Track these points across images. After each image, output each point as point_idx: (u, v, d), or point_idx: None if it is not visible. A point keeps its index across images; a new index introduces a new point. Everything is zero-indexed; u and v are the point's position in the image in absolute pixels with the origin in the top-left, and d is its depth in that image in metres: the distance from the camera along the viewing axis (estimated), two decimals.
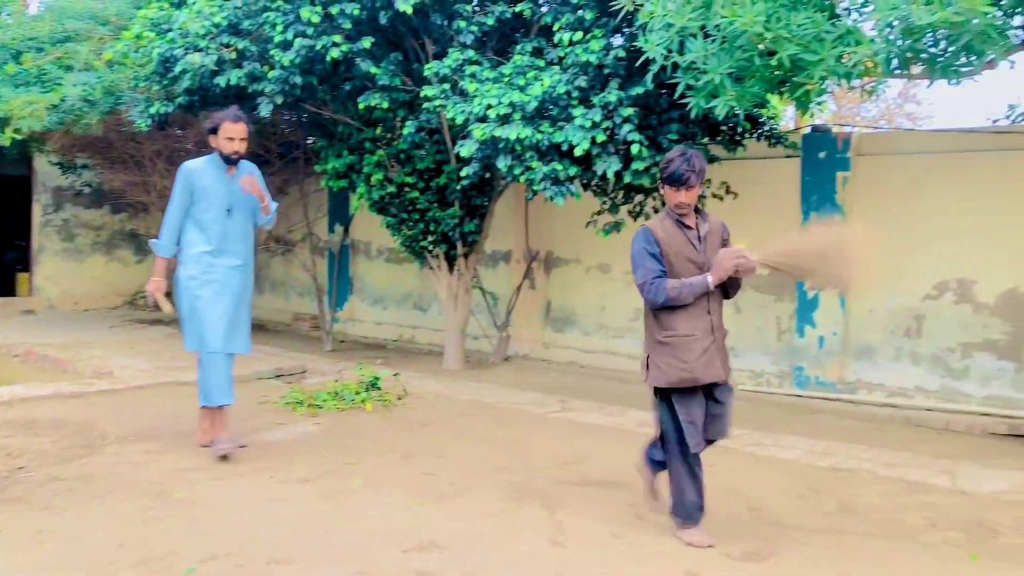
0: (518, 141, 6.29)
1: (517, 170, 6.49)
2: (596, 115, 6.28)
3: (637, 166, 6.48)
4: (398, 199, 8.64)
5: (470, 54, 6.88)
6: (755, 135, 7.74)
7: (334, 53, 6.93)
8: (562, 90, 6.29)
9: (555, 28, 6.59)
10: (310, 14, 6.81)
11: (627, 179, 6.65)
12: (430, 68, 6.92)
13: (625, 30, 6.64)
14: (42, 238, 13.04)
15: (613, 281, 9.32)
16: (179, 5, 7.98)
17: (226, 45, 7.36)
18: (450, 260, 8.91)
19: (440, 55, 7.33)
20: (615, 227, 7.40)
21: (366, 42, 7.03)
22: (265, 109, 7.42)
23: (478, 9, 7.21)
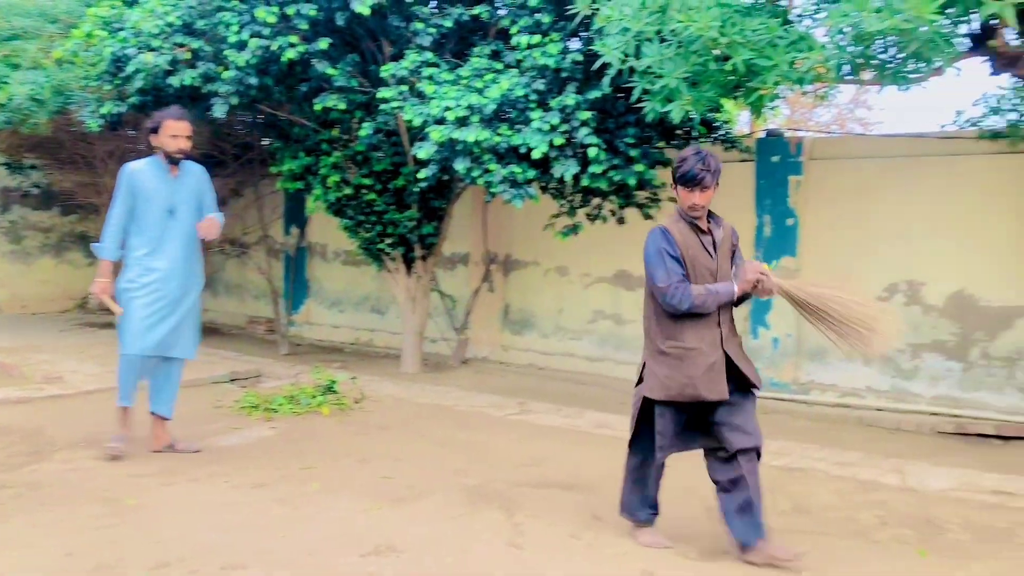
0: (476, 143, 6.29)
1: (475, 172, 6.49)
2: (554, 118, 6.30)
3: (594, 169, 6.51)
4: (355, 201, 8.59)
5: (428, 56, 6.87)
6: (710, 139, 7.83)
7: (290, 54, 6.86)
8: (520, 93, 6.31)
9: (512, 31, 6.60)
10: (266, 14, 6.74)
11: (585, 182, 6.68)
12: (387, 70, 6.89)
13: (582, 34, 6.68)
14: None
15: (571, 283, 9.36)
16: (131, 4, 7.84)
17: (180, 45, 7.25)
18: (408, 262, 8.88)
19: (397, 57, 7.30)
20: (573, 230, 7.43)
21: (323, 43, 6.98)
22: (220, 110, 7.33)
23: (436, 11, 7.20)
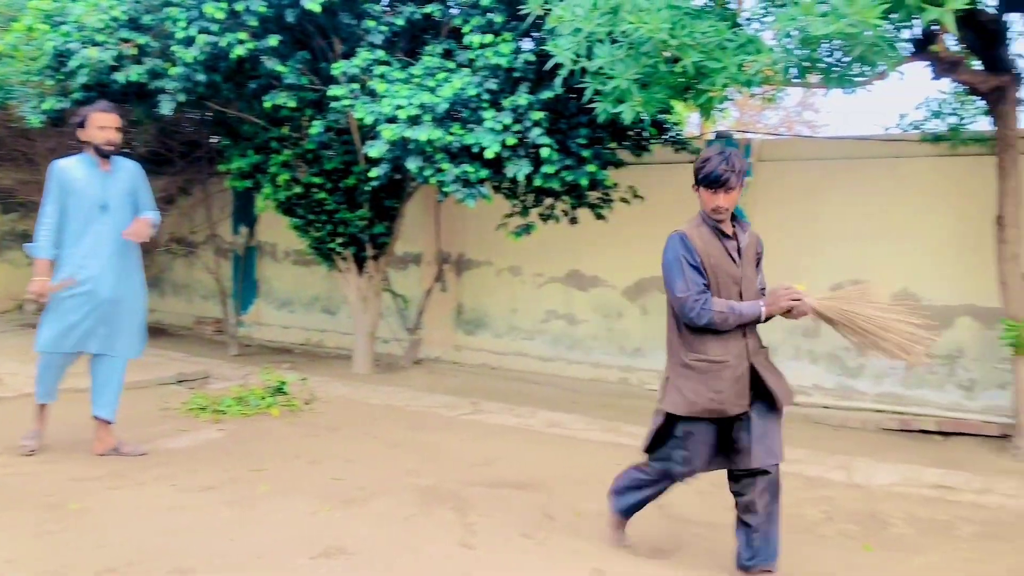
0: (428, 142, 6.27)
1: (427, 172, 6.47)
2: (506, 118, 6.31)
3: (547, 169, 6.53)
4: (305, 200, 8.50)
5: (379, 54, 6.83)
6: (661, 140, 7.91)
7: (239, 51, 6.77)
8: (472, 92, 6.30)
9: (465, 30, 6.59)
10: (214, 10, 6.63)
11: (537, 182, 6.70)
12: (338, 67, 6.83)
13: (534, 34, 6.70)
14: None
15: (524, 283, 9.38)
16: None
17: (125, 40, 7.10)
18: (359, 262, 8.81)
19: (349, 55, 7.24)
20: (526, 230, 7.45)
21: (272, 40, 6.89)
22: (167, 107, 7.20)
23: (387, 9, 7.16)
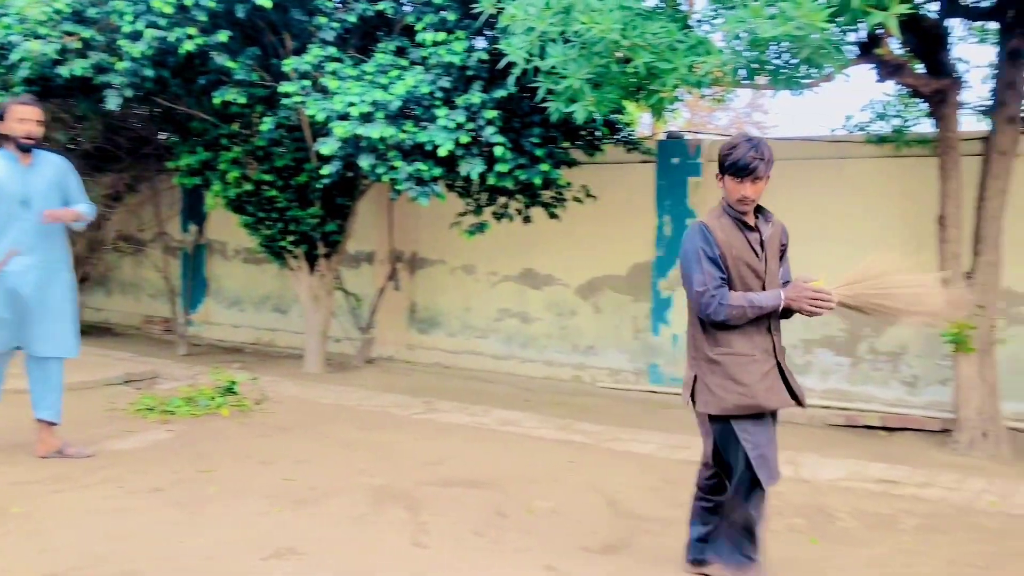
0: (381, 140, 6.24)
1: (380, 169, 6.44)
2: (460, 116, 6.30)
3: (500, 168, 6.55)
4: (256, 198, 8.40)
5: (331, 51, 6.77)
6: (613, 140, 7.97)
7: (188, 46, 6.66)
8: (425, 90, 6.29)
9: (418, 28, 6.57)
10: (162, 4, 6.51)
11: (491, 181, 6.71)
12: (289, 64, 6.76)
13: (487, 33, 6.71)
14: None
15: (478, 282, 9.38)
16: None
17: (69, 33, 6.95)
18: (311, 261, 8.74)
19: (300, 51, 7.17)
20: (479, 228, 7.45)
21: (222, 35, 6.80)
22: (113, 102, 7.06)
23: (340, 6, 7.10)
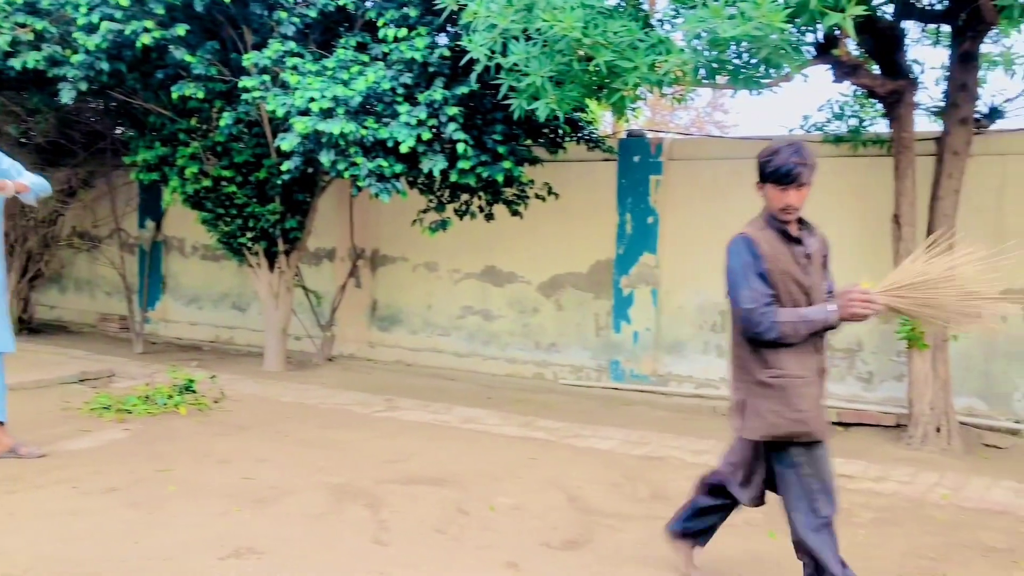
0: (342, 136, 6.20)
1: (341, 165, 6.40)
2: (421, 113, 6.28)
3: (463, 165, 6.54)
4: (214, 194, 8.30)
5: (291, 46, 6.71)
6: (575, 138, 8.00)
7: (145, 39, 6.56)
8: (387, 86, 6.26)
9: (379, 24, 6.54)
10: None
11: (453, 178, 6.70)
12: (249, 58, 6.69)
13: (450, 29, 6.70)
14: None
15: (440, 279, 9.36)
16: None
17: (22, 25, 6.82)
18: (270, 257, 8.65)
19: (260, 46, 7.09)
20: (441, 225, 7.44)
21: (180, 29, 6.70)
22: (67, 95, 6.93)
23: (300, 0, 7.04)
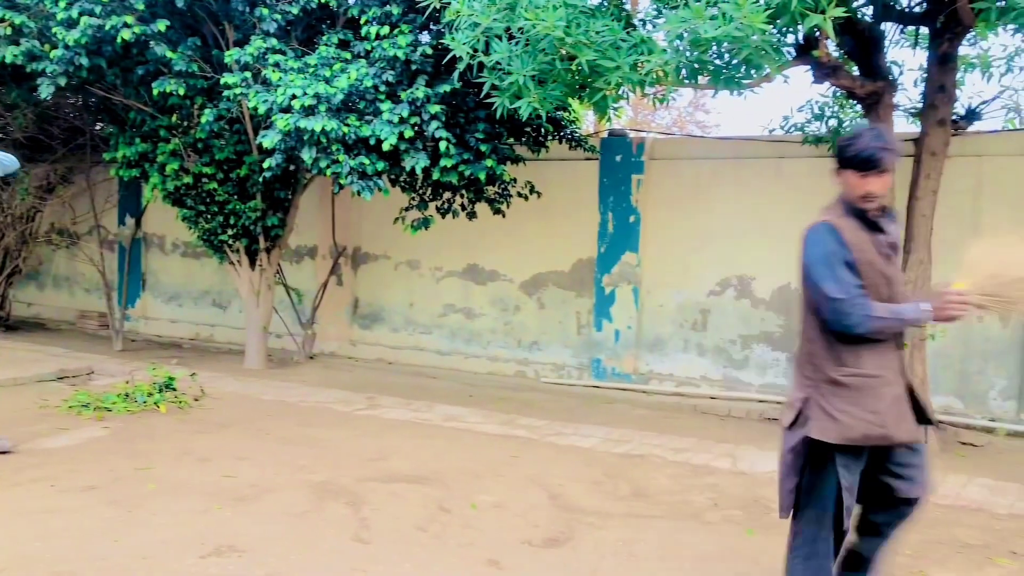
0: (324, 133, 6.18)
1: (323, 163, 6.38)
2: (404, 110, 6.28)
3: (445, 163, 6.54)
4: (195, 190, 8.25)
5: (273, 43, 6.69)
6: (557, 137, 8.01)
7: (125, 35, 6.51)
8: (369, 84, 6.25)
9: (362, 21, 6.53)
10: None
11: (435, 176, 6.70)
12: (231, 55, 6.66)
13: (432, 27, 6.69)
14: None
15: (422, 277, 9.36)
16: None
17: (0, 19, 6.75)
18: (251, 255, 8.62)
19: (242, 42, 7.07)
20: (423, 223, 7.43)
21: (161, 25, 6.66)
22: (46, 90, 6.87)
23: None
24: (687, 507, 4.65)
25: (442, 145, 6.40)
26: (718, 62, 5.21)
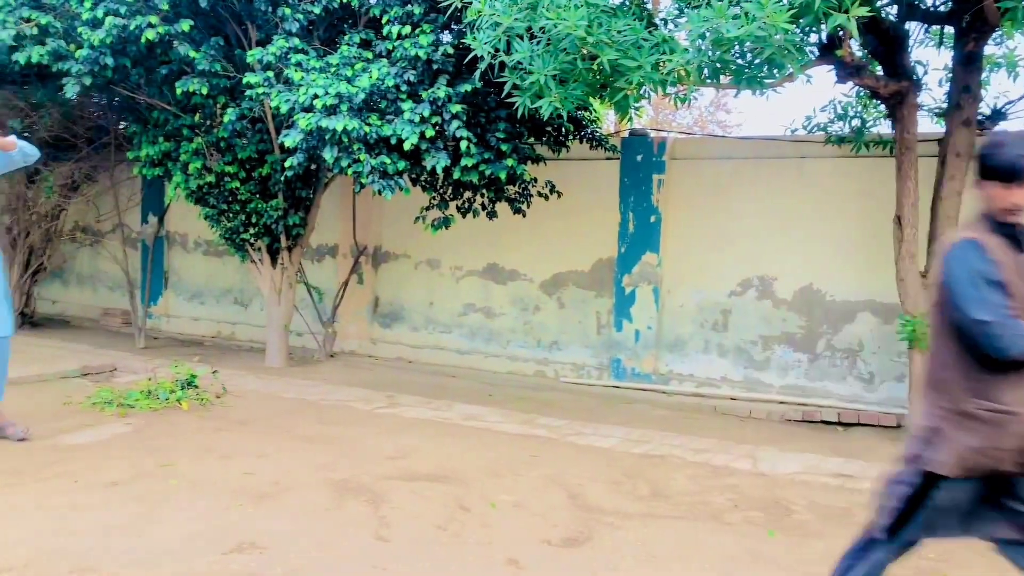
0: (345, 132, 6.21)
1: (344, 162, 6.41)
2: (425, 110, 6.30)
3: (466, 162, 6.55)
4: (217, 189, 8.32)
5: (296, 42, 6.72)
6: (578, 137, 8.00)
7: (149, 34, 6.57)
8: (391, 83, 6.27)
9: (384, 21, 6.55)
10: None
11: (456, 175, 6.71)
12: (253, 55, 6.70)
13: (454, 27, 6.70)
14: None
15: (442, 276, 9.38)
16: None
17: (26, 19, 6.83)
18: (273, 253, 8.67)
19: (264, 42, 7.11)
20: (444, 223, 7.44)
21: (184, 24, 6.72)
22: (71, 90, 6.94)
23: None
24: (706, 508, 4.63)
25: (463, 144, 6.41)
26: (740, 62, 5.19)
